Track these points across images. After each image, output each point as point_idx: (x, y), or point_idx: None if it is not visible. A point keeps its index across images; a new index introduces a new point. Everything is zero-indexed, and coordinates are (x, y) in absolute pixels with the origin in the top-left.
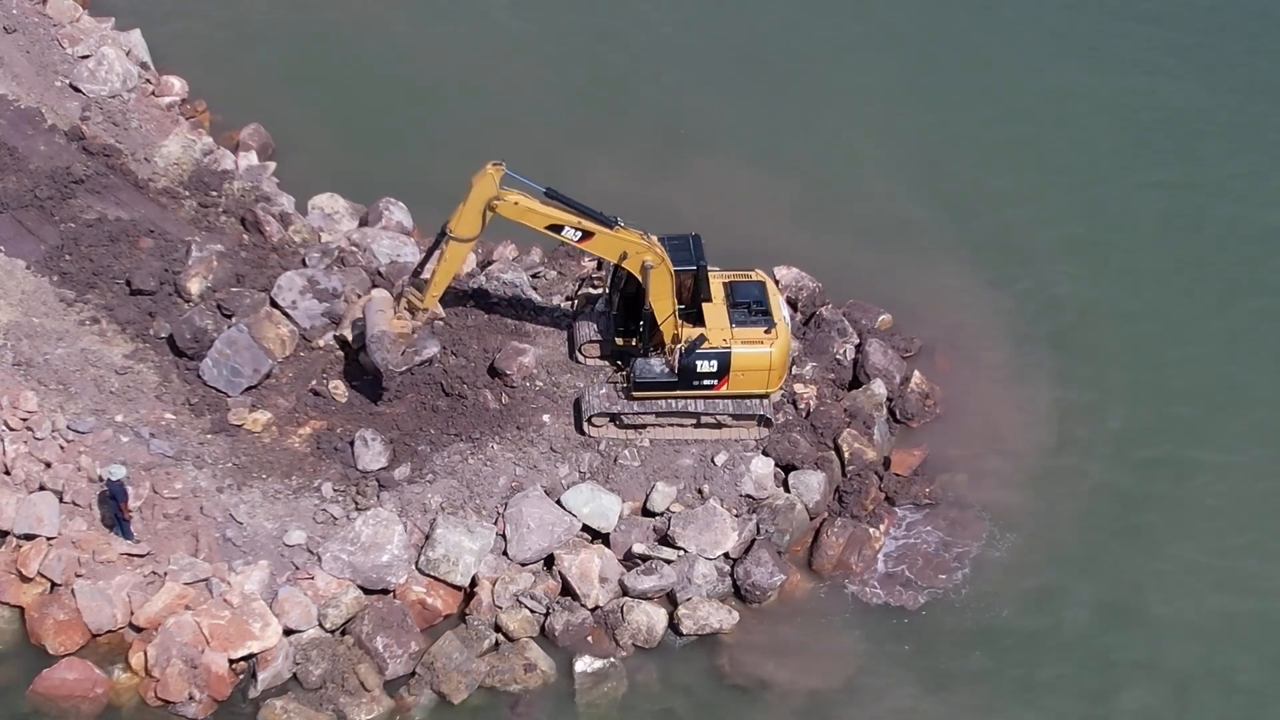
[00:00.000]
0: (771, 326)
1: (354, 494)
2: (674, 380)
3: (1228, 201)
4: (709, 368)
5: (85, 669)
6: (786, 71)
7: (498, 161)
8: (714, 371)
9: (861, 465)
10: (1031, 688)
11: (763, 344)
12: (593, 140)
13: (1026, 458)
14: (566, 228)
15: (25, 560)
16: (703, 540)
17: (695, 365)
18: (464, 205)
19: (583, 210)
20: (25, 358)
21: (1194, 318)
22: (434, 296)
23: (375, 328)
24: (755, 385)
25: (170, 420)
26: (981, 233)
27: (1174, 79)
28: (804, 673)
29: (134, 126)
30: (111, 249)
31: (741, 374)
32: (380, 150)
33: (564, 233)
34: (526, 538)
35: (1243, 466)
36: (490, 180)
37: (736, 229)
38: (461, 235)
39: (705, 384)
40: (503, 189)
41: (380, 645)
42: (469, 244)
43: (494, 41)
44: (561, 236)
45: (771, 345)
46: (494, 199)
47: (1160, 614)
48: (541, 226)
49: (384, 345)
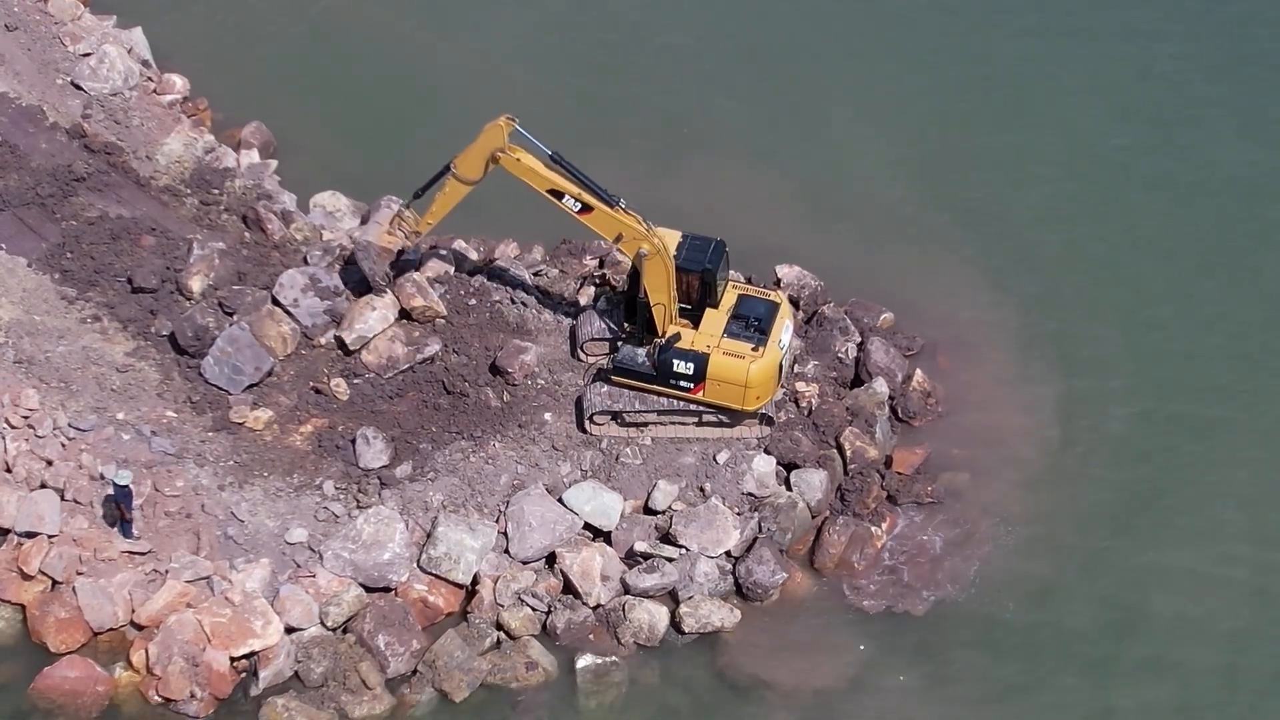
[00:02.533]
0: (760, 345)
1: (355, 492)
2: (652, 374)
3: (1236, 200)
4: (685, 369)
5: (86, 667)
6: (790, 71)
7: (512, 116)
8: (690, 374)
9: (863, 464)
10: (1033, 686)
11: (743, 358)
12: (596, 139)
13: (1028, 456)
14: (567, 196)
15: (26, 558)
16: (704, 538)
17: (671, 363)
18: (471, 147)
19: (585, 182)
20: (27, 355)
21: (1197, 318)
22: (428, 224)
23: (364, 236)
24: (731, 399)
25: (171, 418)
26: (984, 231)
27: (1180, 79)
28: (805, 671)
29: (135, 124)
30: (113, 247)
31: (717, 384)
32: (382, 148)
33: (564, 200)
34: (528, 536)
35: (1246, 467)
36: (499, 131)
37: (739, 227)
38: (463, 175)
39: (682, 385)
40: (511, 144)
41: (382, 643)
42: (469, 186)
43: (497, 40)
44: (561, 204)
45: (752, 363)
46: (498, 150)
47: (1162, 614)
48: (543, 189)
49: (369, 255)
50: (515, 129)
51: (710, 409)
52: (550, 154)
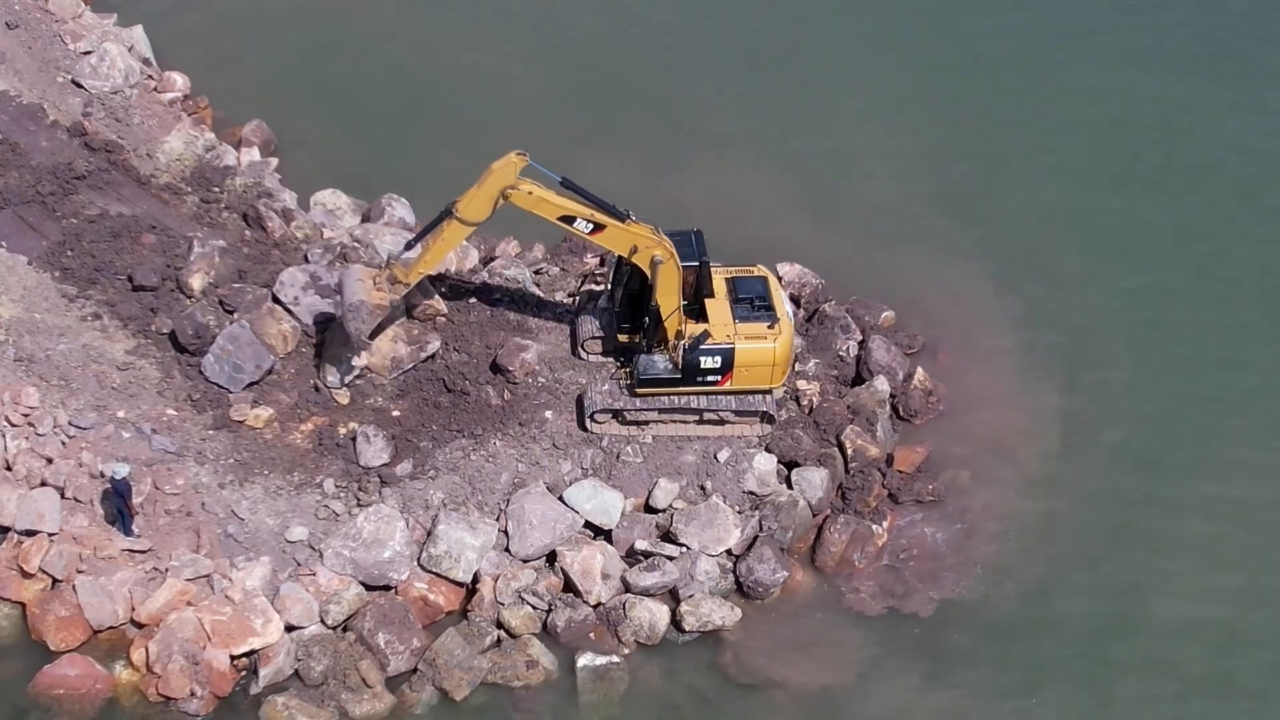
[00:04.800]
0: (775, 322)
1: (356, 490)
2: (677, 376)
3: (1244, 198)
4: (712, 364)
5: (86, 665)
6: (791, 68)
7: (522, 151)
8: (717, 368)
9: (864, 462)
10: (1034, 686)
11: (766, 339)
12: (597, 137)
13: (1030, 455)
14: (579, 219)
15: (27, 556)
16: (705, 537)
17: (699, 361)
18: (478, 188)
19: (596, 202)
20: (27, 354)
21: (1200, 316)
22: (420, 273)
23: (353, 296)
24: (759, 381)
25: (172, 416)
26: (985, 229)
27: (1187, 80)
28: (806, 670)
29: (136, 122)
30: (113, 245)
31: (745, 370)
32: (383, 146)
33: (575, 224)
34: (528, 534)
35: (1248, 469)
36: (512, 169)
37: (740, 225)
38: (467, 218)
39: (709, 380)
40: (519, 178)
41: (382, 642)
42: (471, 228)
43: (497, 37)
44: (573, 229)
45: (775, 341)
46: (509, 188)
47: (1163, 615)
48: (554, 217)
49: (360, 315)
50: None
51: (730, 395)
52: (560, 180)
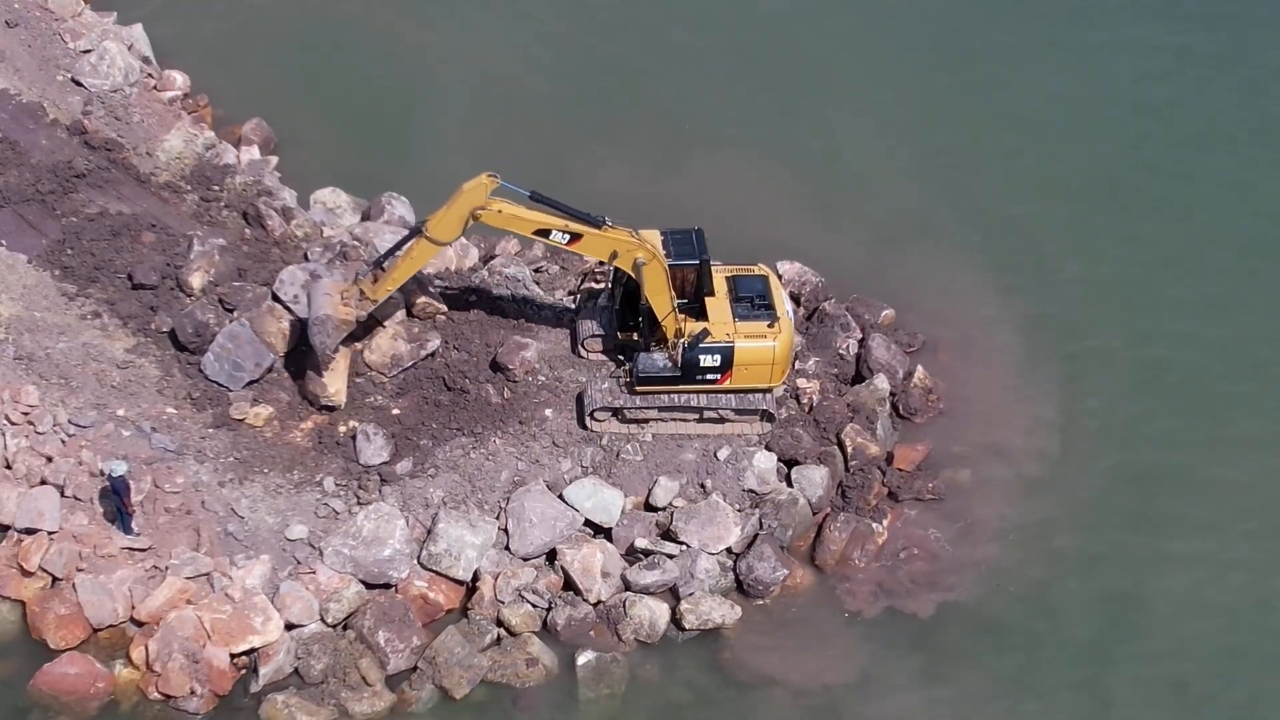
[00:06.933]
0: (774, 321)
1: (356, 489)
2: (677, 375)
3: (1244, 199)
4: (712, 362)
5: (86, 664)
6: (792, 67)
7: (493, 173)
8: (717, 366)
9: (864, 460)
10: (1034, 685)
11: (766, 338)
12: (597, 136)
13: (1031, 453)
14: (554, 231)
15: (26, 555)
16: (705, 535)
17: (698, 360)
18: (448, 208)
19: (569, 212)
20: (27, 352)
21: (1201, 315)
22: (387, 290)
23: (320, 310)
24: (759, 380)
25: (172, 415)
26: (986, 228)
27: (1190, 82)
28: (806, 668)
29: (136, 121)
30: (113, 243)
31: (745, 368)
32: (382, 145)
33: (552, 236)
34: (528, 532)
35: (1249, 470)
36: (482, 189)
37: (740, 224)
38: (437, 238)
39: (708, 378)
40: (489, 198)
41: (382, 640)
42: (440, 247)
43: (498, 37)
44: (550, 240)
45: (775, 340)
46: (479, 208)
47: (1163, 614)
48: (529, 232)
49: (325, 329)
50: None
51: (730, 394)
52: (529, 194)
